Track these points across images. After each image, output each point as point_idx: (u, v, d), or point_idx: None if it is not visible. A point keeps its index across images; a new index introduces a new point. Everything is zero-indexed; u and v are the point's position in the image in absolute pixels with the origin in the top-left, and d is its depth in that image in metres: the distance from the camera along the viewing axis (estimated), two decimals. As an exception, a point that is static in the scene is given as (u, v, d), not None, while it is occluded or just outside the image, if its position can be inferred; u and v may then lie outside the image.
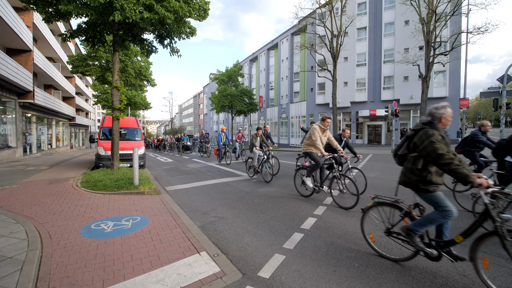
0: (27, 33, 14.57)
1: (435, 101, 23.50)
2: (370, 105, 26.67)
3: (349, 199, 5.01)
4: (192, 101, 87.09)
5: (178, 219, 4.34)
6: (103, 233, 3.74)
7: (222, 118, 57.05)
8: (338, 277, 2.64)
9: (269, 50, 41.44)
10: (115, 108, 8.43)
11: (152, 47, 9.55)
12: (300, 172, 6.11)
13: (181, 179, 8.74)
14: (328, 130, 5.68)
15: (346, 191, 5.22)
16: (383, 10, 26.13)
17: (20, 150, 15.30)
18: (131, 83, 18.28)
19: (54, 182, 7.72)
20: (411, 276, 2.63)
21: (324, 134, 5.64)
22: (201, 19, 8.45)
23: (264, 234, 3.78)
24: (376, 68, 26.42)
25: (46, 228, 3.89)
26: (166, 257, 3.00)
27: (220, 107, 33.74)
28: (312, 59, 28.10)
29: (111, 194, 6.06)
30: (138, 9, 7.04)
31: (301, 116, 33.46)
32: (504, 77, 15.17)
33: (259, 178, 8.36)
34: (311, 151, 5.69)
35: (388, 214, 3.01)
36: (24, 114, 16.39)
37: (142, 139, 11.81)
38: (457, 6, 17.87)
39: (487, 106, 69.29)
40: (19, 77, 13.46)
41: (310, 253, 3.18)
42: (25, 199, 5.59)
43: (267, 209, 5.01)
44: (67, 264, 2.84)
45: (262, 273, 2.71)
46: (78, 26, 8.63)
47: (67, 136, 28.58)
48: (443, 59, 20.55)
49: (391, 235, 3.01)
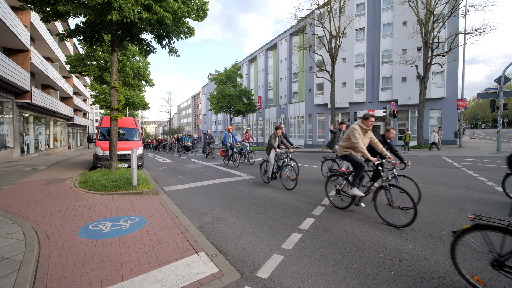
0: (24, 32, 14.51)
1: (433, 101, 23.65)
2: (368, 105, 26.75)
3: (401, 215, 4.16)
4: (190, 101, 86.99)
5: (176, 219, 4.33)
6: (101, 233, 3.72)
7: (220, 118, 57.01)
8: (336, 277, 2.64)
9: (267, 50, 41.49)
10: (113, 108, 8.41)
11: (151, 47, 9.53)
12: (337, 181, 5.33)
13: (179, 179, 8.73)
14: (370, 130, 4.81)
15: (396, 205, 4.21)
16: (381, 11, 26.23)
17: (17, 150, 15.21)
18: (130, 83, 18.24)
19: (52, 182, 7.68)
20: (409, 276, 2.64)
21: (365, 135, 4.76)
22: (199, 20, 8.44)
23: (263, 235, 3.78)
24: (374, 69, 26.51)
25: (43, 228, 3.87)
26: (164, 258, 3.00)
27: (218, 108, 33.75)
28: (311, 59, 28.18)
29: (109, 195, 6.04)
30: (136, 9, 7.02)
31: (299, 116, 33.51)
32: (501, 78, 15.27)
33: (275, 183, 7.41)
34: (350, 153, 4.82)
35: (498, 241, 2.30)
36: (21, 114, 16.30)
37: (140, 140, 11.79)
38: (454, 7, 17.99)
39: (484, 107, 69.70)
40: (17, 77, 13.40)
41: (309, 253, 3.18)
42: (23, 200, 5.56)
43: (265, 210, 5.01)
44: (65, 265, 2.82)
45: (260, 274, 2.72)
46: (76, 25, 8.61)
47: (65, 136, 28.46)
48: (441, 60, 20.68)
49: (503, 269, 2.24)
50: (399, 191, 4.08)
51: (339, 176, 5.19)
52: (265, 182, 7.64)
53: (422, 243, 3.40)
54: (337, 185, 5.14)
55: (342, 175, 5.04)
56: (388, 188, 4.21)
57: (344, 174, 5.01)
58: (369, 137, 4.80)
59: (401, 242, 3.44)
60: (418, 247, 3.29)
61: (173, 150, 23.52)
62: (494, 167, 9.35)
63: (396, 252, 3.17)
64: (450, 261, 2.60)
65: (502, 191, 5.72)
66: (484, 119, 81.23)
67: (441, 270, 2.75)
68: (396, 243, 3.41)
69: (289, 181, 6.88)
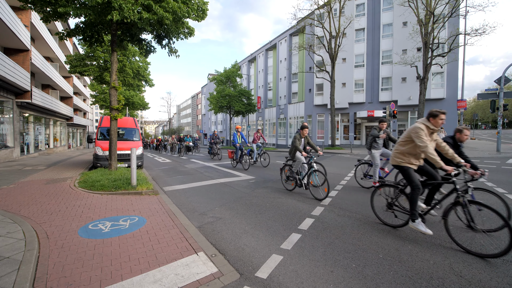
0: (24, 32, 14.51)
1: (433, 102, 23.67)
2: (368, 106, 26.77)
3: (485, 239, 3.36)
4: (190, 101, 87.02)
5: (176, 219, 4.34)
6: (100, 233, 3.73)
7: (220, 118, 57.05)
8: (335, 278, 2.65)
9: (267, 51, 41.50)
10: (113, 108, 8.42)
11: (151, 47, 9.54)
12: (386, 193, 4.29)
13: (179, 179, 8.73)
14: (441, 132, 3.79)
15: (479, 227, 3.25)
16: (381, 11, 26.25)
17: (17, 150, 15.22)
18: (129, 83, 18.24)
19: (52, 182, 7.68)
20: (408, 277, 2.64)
21: (431, 137, 3.65)
22: (199, 20, 8.45)
23: (262, 235, 3.79)
24: (374, 69, 26.53)
25: (43, 228, 3.87)
26: (163, 257, 3.00)
27: (218, 108, 33.78)
28: (311, 60, 28.18)
29: (109, 194, 6.05)
30: (136, 9, 7.03)
31: (299, 117, 33.53)
32: (501, 78, 15.29)
33: (302, 192, 6.34)
34: (407, 167, 3.66)
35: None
36: (21, 114, 16.30)
37: (140, 140, 11.79)
38: (455, 8, 18.00)
39: (484, 107, 69.77)
40: (17, 76, 13.40)
41: (308, 253, 3.19)
42: (23, 199, 5.56)
43: (265, 210, 5.02)
44: (65, 264, 2.83)
45: (259, 274, 2.72)
46: (76, 25, 8.60)
47: (65, 136, 28.46)
48: (441, 60, 20.69)
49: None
50: (477, 208, 3.31)
51: (391, 187, 4.22)
52: (287, 189, 6.67)
53: (421, 244, 3.40)
54: (388, 198, 4.16)
55: (396, 186, 4.09)
56: (467, 205, 3.25)
57: (399, 186, 4.06)
58: (436, 140, 3.72)
59: (400, 243, 3.44)
60: (417, 247, 3.30)
61: (174, 150, 22.92)
62: (494, 168, 9.37)
63: (396, 252, 3.17)
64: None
65: (502, 192, 5.74)
66: (484, 119, 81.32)
67: (440, 270, 2.76)
68: (395, 244, 3.41)
69: (318, 189, 5.92)
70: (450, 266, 2.85)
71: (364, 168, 7.01)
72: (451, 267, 2.82)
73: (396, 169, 3.90)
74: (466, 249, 3.19)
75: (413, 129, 3.59)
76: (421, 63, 20.56)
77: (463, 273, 2.71)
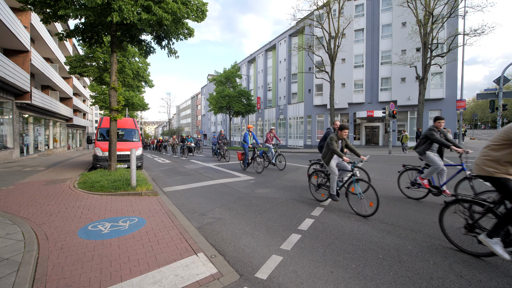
0: (24, 33, 14.52)
1: (432, 102, 23.70)
2: (368, 106, 26.80)
3: None
4: (190, 102, 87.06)
5: (175, 220, 4.33)
6: (100, 234, 3.72)
7: (220, 119, 57.07)
8: (335, 278, 2.64)
9: (267, 51, 41.56)
10: (113, 109, 8.42)
11: (150, 48, 9.54)
12: (461, 210, 3.34)
13: (178, 180, 8.73)
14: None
15: None
16: (380, 12, 26.30)
17: (17, 151, 15.20)
18: (129, 84, 18.25)
19: (51, 183, 7.67)
20: (408, 277, 2.64)
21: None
22: (199, 20, 8.45)
23: (262, 235, 3.79)
24: (374, 70, 26.57)
25: (42, 229, 3.87)
26: (163, 258, 3.00)
27: (218, 108, 33.80)
28: (310, 60, 28.23)
29: (108, 195, 6.04)
30: (136, 10, 7.03)
31: (299, 117, 33.54)
32: (500, 78, 15.32)
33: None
34: (506, 179, 2.76)
35: None
36: (21, 114, 16.29)
37: (139, 140, 11.79)
38: (453, 8, 18.05)
39: (484, 107, 69.83)
40: (16, 77, 13.40)
41: (308, 254, 3.19)
42: (22, 200, 5.55)
43: (264, 210, 5.02)
44: (64, 266, 2.82)
45: (259, 274, 2.72)
46: (76, 26, 8.61)
47: (65, 137, 28.44)
48: (440, 60, 20.73)
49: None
50: None
51: (471, 203, 3.25)
52: (318, 200, 5.63)
53: (421, 244, 3.40)
54: (468, 219, 3.23)
55: (482, 203, 3.08)
56: None
57: (485, 203, 3.05)
58: None
59: (400, 243, 3.44)
60: (417, 248, 3.30)
61: (176, 150, 22.53)
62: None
63: (395, 253, 3.17)
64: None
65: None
66: (484, 119, 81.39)
67: (440, 271, 2.76)
68: (395, 244, 3.41)
69: (365, 206, 4.69)
70: (450, 266, 2.85)
71: (411, 175, 5.94)
72: (451, 267, 2.82)
73: (486, 181, 2.99)
74: None
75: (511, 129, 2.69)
76: (420, 63, 20.60)
77: (463, 273, 2.71)
